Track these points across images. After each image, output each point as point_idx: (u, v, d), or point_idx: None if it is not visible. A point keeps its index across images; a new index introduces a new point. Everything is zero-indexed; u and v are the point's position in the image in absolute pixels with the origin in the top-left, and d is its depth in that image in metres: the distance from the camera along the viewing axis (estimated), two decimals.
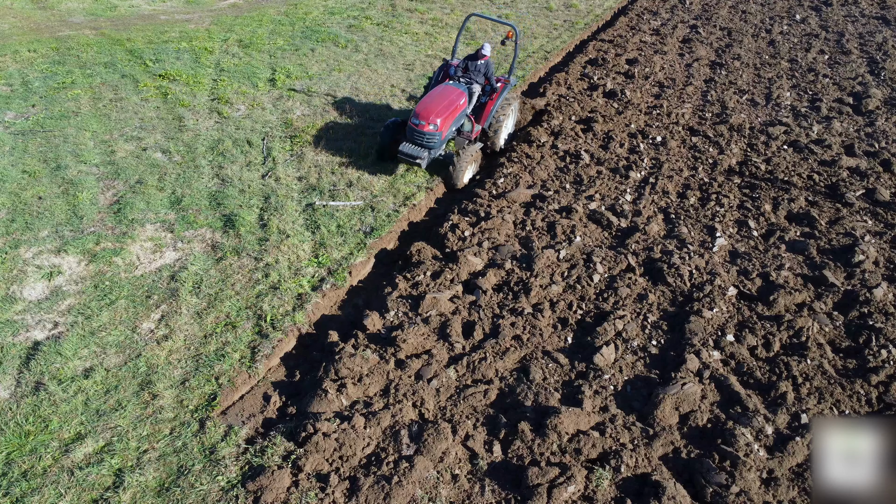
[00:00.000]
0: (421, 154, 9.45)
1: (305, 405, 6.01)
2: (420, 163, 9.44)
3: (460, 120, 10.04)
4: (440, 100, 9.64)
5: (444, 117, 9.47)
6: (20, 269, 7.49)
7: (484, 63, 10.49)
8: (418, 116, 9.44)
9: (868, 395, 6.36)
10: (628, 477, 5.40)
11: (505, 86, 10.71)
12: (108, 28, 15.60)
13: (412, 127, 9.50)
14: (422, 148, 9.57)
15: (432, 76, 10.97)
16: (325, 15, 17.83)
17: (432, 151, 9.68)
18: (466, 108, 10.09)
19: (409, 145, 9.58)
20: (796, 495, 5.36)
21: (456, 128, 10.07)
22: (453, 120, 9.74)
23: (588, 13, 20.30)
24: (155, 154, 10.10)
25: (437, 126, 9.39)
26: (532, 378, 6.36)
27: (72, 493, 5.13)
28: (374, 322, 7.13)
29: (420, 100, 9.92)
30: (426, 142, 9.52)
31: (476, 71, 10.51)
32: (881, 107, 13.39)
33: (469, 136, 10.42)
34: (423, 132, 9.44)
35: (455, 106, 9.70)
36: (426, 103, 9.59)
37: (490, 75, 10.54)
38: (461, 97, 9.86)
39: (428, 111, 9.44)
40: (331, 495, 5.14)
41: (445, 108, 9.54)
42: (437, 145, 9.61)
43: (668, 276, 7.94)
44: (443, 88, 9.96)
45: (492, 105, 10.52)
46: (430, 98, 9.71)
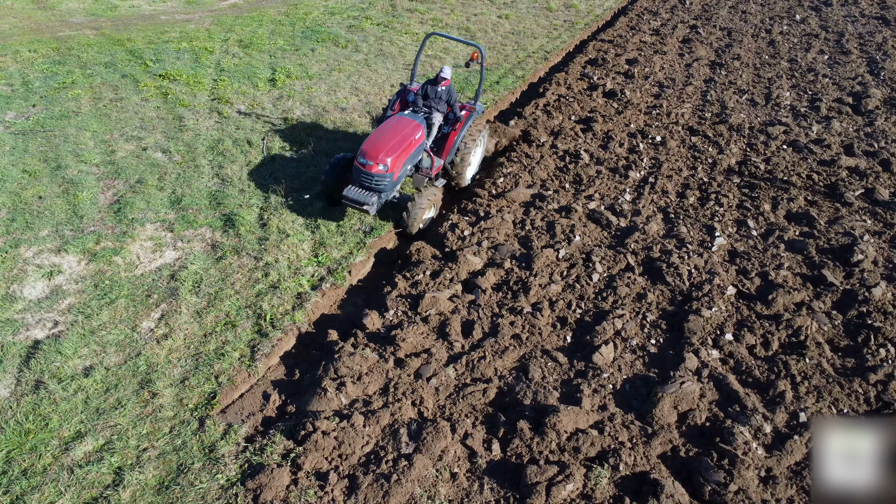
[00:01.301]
0: (368, 199, 8.19)
1: (305, 404, 6.03)
2: (367, 209, 8.20)
3: (417, 156, 8.88)
4: (391, 135, 8.41)
5: (396, 155, 8.28)
6: (20, 269, 7.51)
7: (445, 89, 9.29)
8: (365, 155, 8.20)
9: (867, 393, 6.36)
10: (627, 475, 5.41)
11: (470, 114, 9.57)
12: (109, 28, 15.62)
13: (358, 167, 8.26)
14: (370, 192, 8.32)
15: (389, 102, 9.82)
16: (326, 15, 17.86)
17: (383, 195, 8.46)
18: (424, 141, 8.91)
19: (355, 189, 8.33)
20: (794, 494, 5.37)
21: (412, 165, 8.92)
22: (407, 157, 8.54)
23: (588, 13, 20.31)
24: (155, 154, 10.12)
25: (388, 166, 8.18)
26: (531, 377, 6.37)
27: (72, 491, 5.14)
28: (374, 321, 7.14)
29: (369, 135, 8.62)
30: (375, 184, 8.26)
31: (437, 98, 9.32)
32: (881, 107, 13.40)
33: (428, 174, 9.17)
34: (370, 174, 8.20)
35: (409, 141, 8.51)
36: (374, 139, 8.35)
37: (453, 102, 9.33)
38: (417, 130, 8.67)
39: (376, 149, 8.20)
40: (330, 493, 5.15)
41: (398, 145, 8.34)
42: (388, 188, 8.38)
43: (668, 276, 7.95)
44: (396, 121, 8.72)
45: (455, 136, 9.37)
46: (380, 133, 8.48)
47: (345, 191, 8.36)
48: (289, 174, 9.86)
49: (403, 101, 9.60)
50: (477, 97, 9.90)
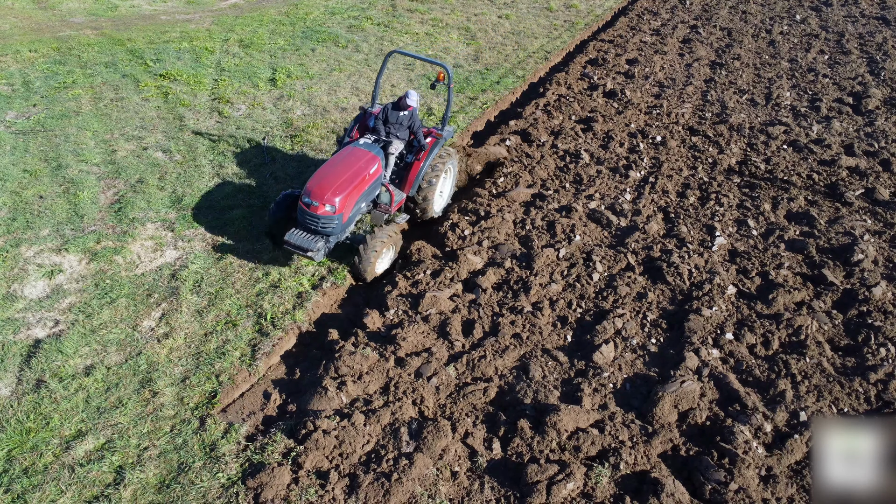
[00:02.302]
0: (313, 245, 7.30)
1: (305, 403, 6.03)
2: (312, 256, 7.33)
3: (373, 191, 8.06)
4: (341, 170, 7.58)
5: (346, 194, 7.43)
6: (21, 268, 7.52)
7: (408, 115, 8.45)
8: (310, 194, 7.34)
9: (867, 393, 6.37)
10: (627, 474, 5.42)
11: (436, 141, 8.69)
12: (109, 28, 15.63)
13: (302, 208, 7.41)
14: (316, 235, 7.47)
15: (346, 129, 9.04)
16: (326, 15, 17.87)
17: (331, 238, 7.62)
18: (382, 174, 8.11)
19: (299, 232, 7.46)
20: (795, 493, 5.38)
21: (367, 202, 8.08)
22: (360, 195, 7.71)
23: (588, 13, 20.32)
24: (156, 153, 10.13)
25: (336, 206, 7.31)
26: (531, 376, 6.38)
27: (72, 489, 5.15)
28: (374, 320, 7.15)
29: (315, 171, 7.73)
30: (321, 227, 7.42)
31: (398, 124, 8.47)
32: (881, 107, 13.40)
33: (387, 210, 8.30)
34: (316, 216, 7.33)
35: (362, 176, 7.68)
36: (321, 176, 7.51)
37: (416, 129, 8.54)
38: (372, 163, 7.83)
39: (322, 187, 7.35)
40: (330, 492, 5.16)
41: (348, 182, 7.50)
42: (337, 230, 7.55)
43: (668, 275, 7.96)
44: (348, 153, 7.88)
45: (419, 166, 8.53)
46: (328, 168, 7.64)
47: (287, 234, 7.42)
48: (289, 174, 9.87)
49: (363, 126, 8.77)
50: (444, 122, 8.98)
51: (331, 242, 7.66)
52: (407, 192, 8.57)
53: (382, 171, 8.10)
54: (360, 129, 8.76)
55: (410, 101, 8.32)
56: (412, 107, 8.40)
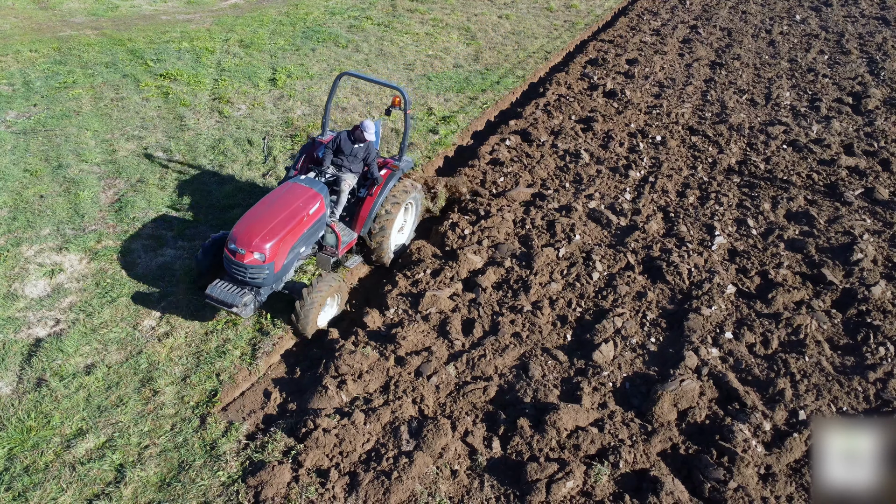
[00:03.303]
0: (238, 299, 6.39)
1: (306, 401, 6.05)
2: (238, 312, 6.41)
3: (315, 233, 7.19)
4: (274, 211, 6.74)
5: (279, 239, 6.54)
6: (22, 267, 7.53)
7: (363, 147, 7.67)
8: (236, 240, 6.44)
9: (866, 392, 6.38)
10: (627, 473, 5.43)
11: (392, 174, 7.87)
12: (110, 28, 15.65)
13: (228, 256, 6.51)
14: (243, 287, 6.57)
15: (294, 158, 8.24)
16: (326, 15, 17.88)
17: (263, 290, 6.71)
18: (325, 213, 7.23)
19: (224, 284, 6.56)
20: (794, 491, 5.39)
21: (308, 246, 7.21)
22: (297, 239, 6.83)
23: (588, 13, 20.34)
24: (156, 153, 10.14)
25: (266, 254, 6.43)
26: (531, 375, 6.39)
27: (73, 487, 5.16)
28: (374, 319, 7.17)
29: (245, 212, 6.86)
30: (249, 278, 6.51)
31: (351, 155, 7.69)
32: (880, 107, 13.41)
33: (334, 253, 7.49)
34: (242, 265, 6.42)
35: (300, 218, 6.80)
36: (250, 219, 6.65)
37: (370, 161, 7.74)
38: (312, 202, 6.95)
39: (250, 232, 6.47)
40: (331, 490, 5.17)
41: (282, 225, 6.62)
42: (268, 281, 6.64)
43: (668, 275, 7.97)
44: (285, 190, 7.04)
45: (372, 202, 7.67)
46: (259, 210, 6.78)
47: (210, 286, 6.53)
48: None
49: (311, 157, 7.97)
50: (401, 152, 8.09)
51: (262, 295, 6.71)
52: (358, 231, 7.71)
53: (326, 209, 7.23)
54: (309, 161, 7.94)
55: (368, 134, 7.53)
56: (369, 139, 7.61)
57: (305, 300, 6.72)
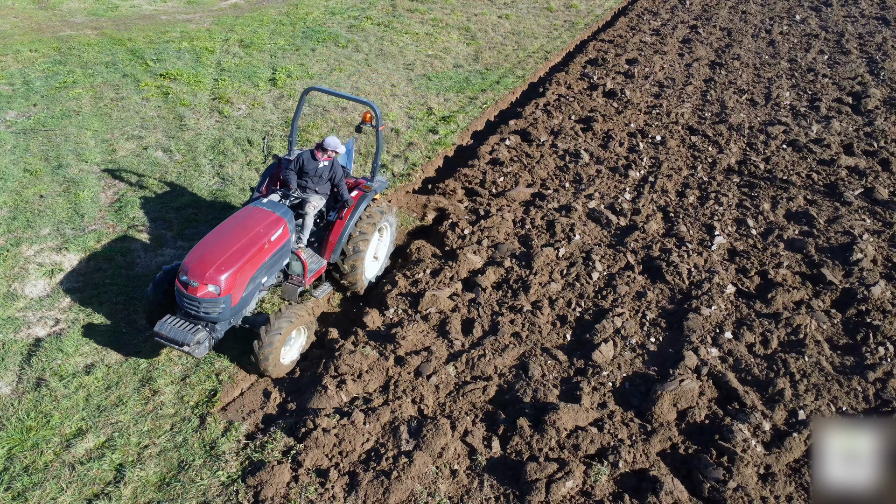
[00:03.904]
0: (190, 336, 5.84)
1: (305, 401, 6.04)
2: (190, 351, 5.86)
3: (277, 262, 6.64)
4: (231, 239, 6.17)
5: (236, 269, 5.98)
6: (22, 267, 7.53)
7: (328, 166, 7.14)
8: (188, 272, 5.89)
9: (865, 391, 6.38)
10: (626, 472, 5.43)
11: (363, 196, 7.35)
12: (110, 28, 15.65)
13: (180, 289, 5.98)
14: (196, 323, 6.02)
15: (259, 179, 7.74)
16: (326, 15, 17.88)
17: (219, 326, 6.15)
18: (289, 239, 6.66)
19: (175, 320, 6.00)
20: (793, 491, 5.39)
21: (271, 276, 6.70)
22: (257, 269, 6.27)
23: (588, 13, 20.34)
24: (156, 153, 10.14)
25: (221, 286, 5.87)
26: (531, 375, 6.39)
27: (73, 487, 5.16)
28: (374, 319, 7.16)
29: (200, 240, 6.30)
30: (203, 313, 5.96)
31: (317, 176, 7.17)
32: (880, 106, 13.41)
33: (301, 282, 6.95)
34: (195, 298, 5.87)
35: (260, 245, 6.25)
36: (204, 248, 6.09)
37: (338, 181, 7.21)
38: (274, 228, 6.41)
39: (203, 263, 5.91)
40: (330, 490, 5.17)
41: (239, 254, 6.07)
42: (224, 316, 6.08)
43: (667, 274, 7.97)
44: (245, 216, 6.52)
45: (341, 227, 7.14)
46: (215, 237, 6.23)
47: (159, 322, 5.96)
48: None
49: (276, 178, 7.50)
50: (373, 172, 7.61)
51: (219, 331, 6.15)
52: (327, 258, 7.18)
53: (291, 235, 6.68)
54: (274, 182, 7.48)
55: (330, 147, 7.00)
56: (332, 155, 7.10)
57: (264, 340, 6.03)
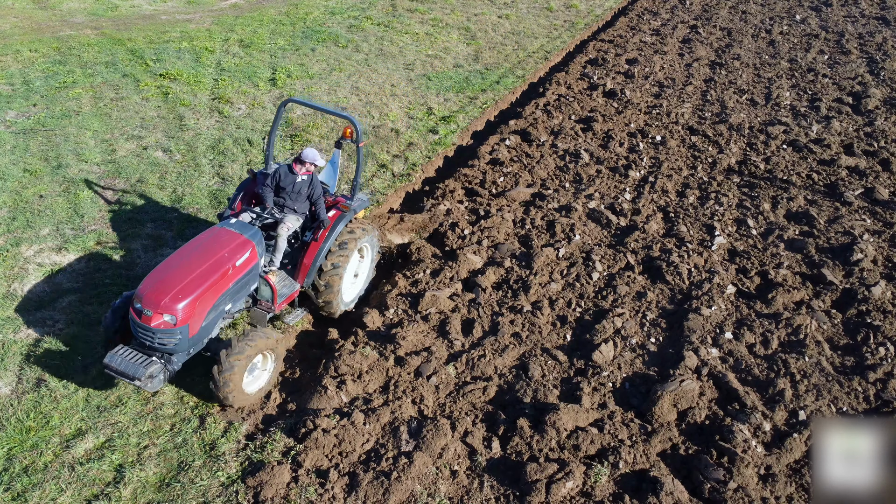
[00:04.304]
0: (142, 370, 5.42)
1: (305, 402, 6.04)
2: (142, 386, 5.45)
3: (244, 287, 6.20)
4: (191, 264, 5.78)
5: (196, 297, 5.60)
6: (21, 267, 7.53)
7: (306, 180, 6.70)
8: (142, 299, 5.51)
9: (866, 392, 6.38)
10: (626, 473, 5.42)
11: (341, 215, 6.94)
12: (109, 28, 15.64)
13: (133, 318, 5.61)
14: (151, 354, 5.61)
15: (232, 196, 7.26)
16: (326, 15, 17.88)
17: (176, 358, 5.76)
18: (257, 263, 6.21)
19: (127, 351, 5.61)
20: (794, 491, 5.38)
21: (237, 303, 6.24)
22: (220, 295, 5.85)
23: (588, 13, 20.34)
24: (156, 153, 10.14)
25: (178, 315, 5.48)
26: (531, 375, 6.39)
27: (72, 488, 5.16)
28: (374, 319, 7.16)
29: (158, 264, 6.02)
30: (158, 344, 5.56)
31: (295, 193, 6.73)
32: (880, 106, 13.41)
33: (270, 308, 6.52)
34: (148, 328, 5.48)
35: (223, 271, 5.83)
36: (161, 273, 5.75)
37: (317, 199, 6.80)
38: (240, 251, 5.98)
39: (159, 290, 5.54)
40: (330, 490, 5.16)
41: (199, 280, 5.68)
42: (182, 347, 5.68)
43: (667, 275, 7.97)
44: (209, 237, 6.09)
45: (316, 249, 6.73)
46: (174, 262, 5.86)
47: (110, 353, 5.57)
48: None
49: (251, 194, 7.09)
50: (354, 190, 7.19)
51: (176, 363, 5.75)
52: (301, 282, 6.77)
53: (259, 258, 6.26)
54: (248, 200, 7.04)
55: (309, 161, 6.57)
56: (310, 169, 6.66)
57: (223, 365, 5.54)
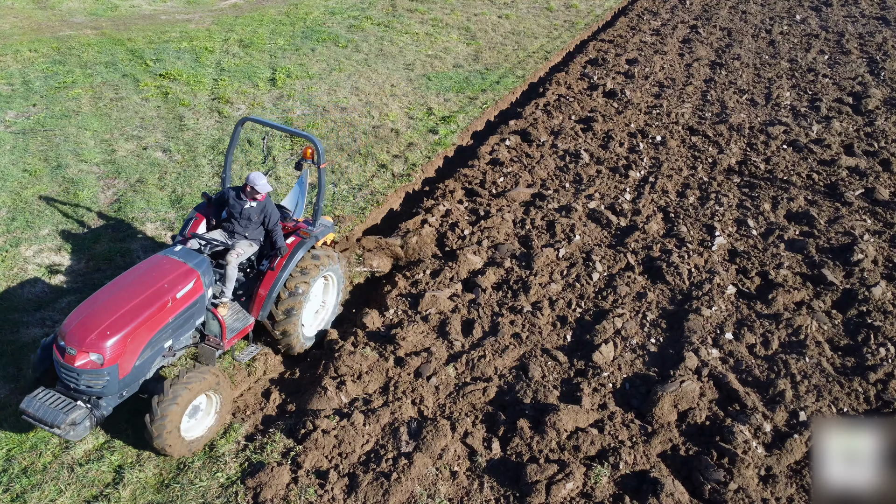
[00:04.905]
0: (61, 417, 4.86)
1: (305, 402, 6.03)
2: (62, 434, 4.88)
3: (187, 322, 5.64)
4: (124, 296, 5.24)
5: (126, 333, 5.04)
6: (21, 267, 7.52)
7: (258, 207, 6.19)
8: (65, 336, 4.98)
9: (866, 392, 6.37)
10: (627, 474, 5.41)
11: (300, 242, 6.37)
12: (109, 28, 15.63)
13: (56, 356, 5.05)
14: (76, 398, 5.05)
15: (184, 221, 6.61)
16: (326, 15, 17.87)
17: (105, 402, 5.17)
18: (201, 295, 5.64)
19: (46, 395, 5.04)
20: (794, 492, 5.37)
21: (179, 339, 5.67)
22: (156, 331, 5.28)
23: (588, 13, 20.33)
24: (155, 153, 10.13)
25: (105, 355, 4.92)
26: (531, 376, 6.38)
27: (72, 489, 5.15)
28: (374, 320, 7.15)
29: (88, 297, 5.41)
30: (84, 386, 4.99)
31: (244, 219, 6.21)
32: (881, 107, 13.40)
33: (219, 344, 5.94)
34: (72, 369, 4.92)
35: (161, 304, 5.28)
36: (88, 307, 5.19)
37: (272, 226, 6.24)
38: (182, 282, 5.45)
39: (85, 326, 4.99)
40: (330, 491, 5.15)
41: (132, 314, 5.13)
42: (111, 389, 5.09)
43: (668, 275, 7.96)
44: (149, 267, 5.55)
45: (273, 279, 6.16)
46: (105, 294, 5.31)
47: (27, 398, 5.01)
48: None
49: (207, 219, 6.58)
50: (316, 215, 6.68)
51: (105, 407, 5.17)
52: (255, 315, 6.20)
53: (206, 289, 5.68)
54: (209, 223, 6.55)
55: (256, 185, 6.02)
56: (261, 196, 6.10)
57: (156, 411, 5.01)
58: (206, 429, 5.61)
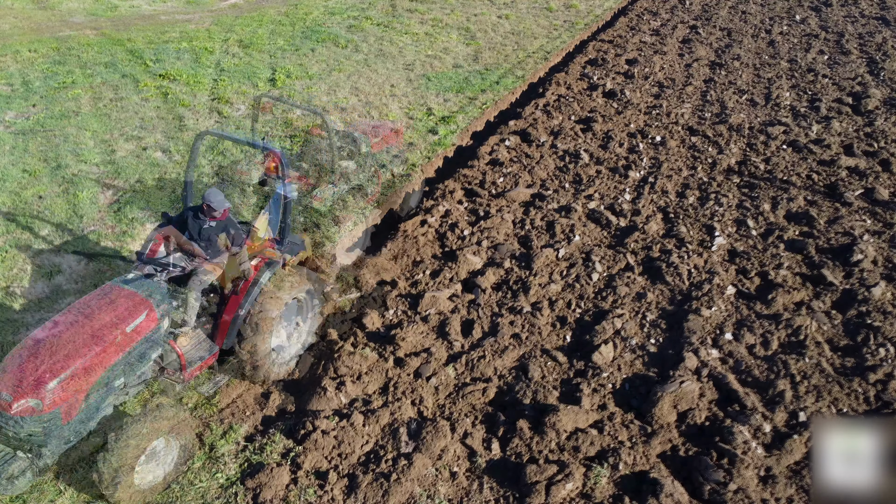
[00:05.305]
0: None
1: (304, 403, 6.03)
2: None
3: (140, 359, 5.20)
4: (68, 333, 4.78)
5: (71, 375, 4.62)
6: (20, 268, 7.52)
7: (217, 227, 5.82)
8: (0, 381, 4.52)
9: (866, 393, 6.36)
10: (626, 474, 5.41)
11: (267, 265, 6.01)
12: (109, 28, 15.63)
13: None
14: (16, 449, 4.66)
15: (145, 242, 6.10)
16: (326, 15, 17.87)
17: (47, 451, 4.69)
18: (156, 328, 5.23)
19: None
20: (794, 493, 5.37)
21: (129, 376, 5.20)
22: (105, 370, 4.83)
23: (588, 13, 20.33)
24: (155, 153, 10.13)
25: (45, 400, 4.49)
26: (531, 376, 6.38)
27: (71, 489, 5.14)
28: (374, 320, 7.15)
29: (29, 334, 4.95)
30: (25, 436, 4.56)
31: (203, 240, 5.82)
32: (880, 107, 13.39)
33: (180, 378, 5.60)
34: (8, 417, 4.47)
35: (110, 340, 4.86)
36: (26, 348, 4.69)
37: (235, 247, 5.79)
38: (134, 314, 5.04)
39: (21, 368, 4.54)
40: (330, 492, 5.16)
41: (76, 354, 4.69)
42: (52, 437, 4.64)
43: (667, 275, 7.96)
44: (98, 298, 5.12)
45: (237, 304, 5.79)
46: (46, 332, 4.81)
47: None
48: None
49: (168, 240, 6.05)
50: (284, 234, 6.32)
51: (48, 455, 4.70)
52: (220, 343, 5.86)
53: (162, 321, 5.26)
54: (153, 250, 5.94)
55: (216, 206, 5.66)
56: (220, 214, 5.74)
57: (107, 457, 4.61)
58: (162, 474, 5.08)
